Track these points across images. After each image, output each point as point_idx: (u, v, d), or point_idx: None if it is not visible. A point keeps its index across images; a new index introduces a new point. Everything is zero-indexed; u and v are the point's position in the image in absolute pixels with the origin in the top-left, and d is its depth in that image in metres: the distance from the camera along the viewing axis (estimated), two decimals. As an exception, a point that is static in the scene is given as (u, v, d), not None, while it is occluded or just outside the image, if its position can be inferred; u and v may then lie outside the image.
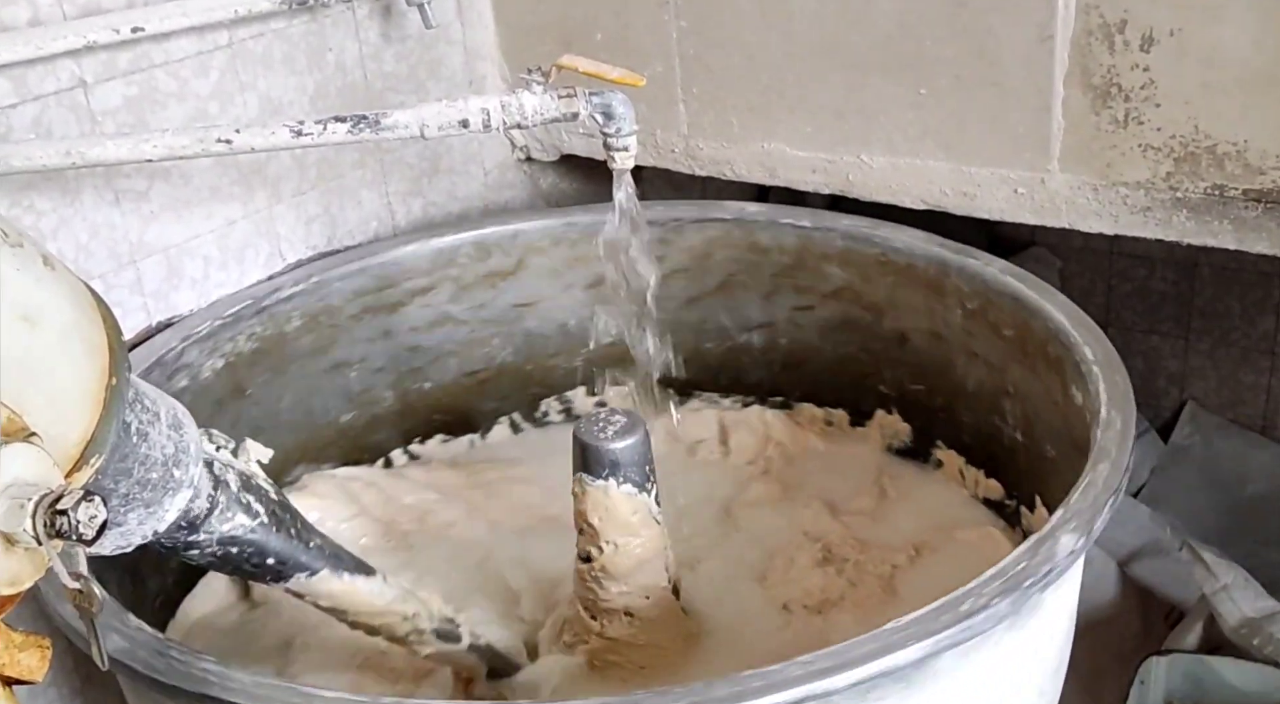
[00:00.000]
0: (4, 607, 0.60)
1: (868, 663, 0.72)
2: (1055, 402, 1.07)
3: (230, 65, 1.17)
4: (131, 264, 1.13)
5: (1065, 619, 0.94)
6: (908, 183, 1.24)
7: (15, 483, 0.57)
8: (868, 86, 1.22)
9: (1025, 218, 1.19)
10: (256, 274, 1.24)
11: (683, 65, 1.33)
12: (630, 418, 0.99)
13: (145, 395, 0.76)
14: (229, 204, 1.21)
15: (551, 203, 1.55)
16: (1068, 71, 1.11)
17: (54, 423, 0.63)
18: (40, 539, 0.57)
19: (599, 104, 1.02)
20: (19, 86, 1.02)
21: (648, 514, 1.00)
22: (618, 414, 0.99)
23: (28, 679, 0.63)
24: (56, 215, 1.07)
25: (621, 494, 0.98)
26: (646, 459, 0.99)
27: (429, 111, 1.02)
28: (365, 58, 1.29)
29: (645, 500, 0.99)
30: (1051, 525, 0.83)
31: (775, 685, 0.70)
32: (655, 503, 1.00)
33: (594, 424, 0.98)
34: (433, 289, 1.31)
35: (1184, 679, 1.35)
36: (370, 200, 1.35)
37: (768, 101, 1.29)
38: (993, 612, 0.76)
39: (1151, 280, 1.77)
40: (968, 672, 0.80)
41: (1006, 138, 1.16)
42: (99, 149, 0.96)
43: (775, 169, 1.33)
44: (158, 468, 0.75)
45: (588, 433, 0.98)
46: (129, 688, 0.89)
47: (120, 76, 1.09)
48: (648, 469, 0.99)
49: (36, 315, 0.63)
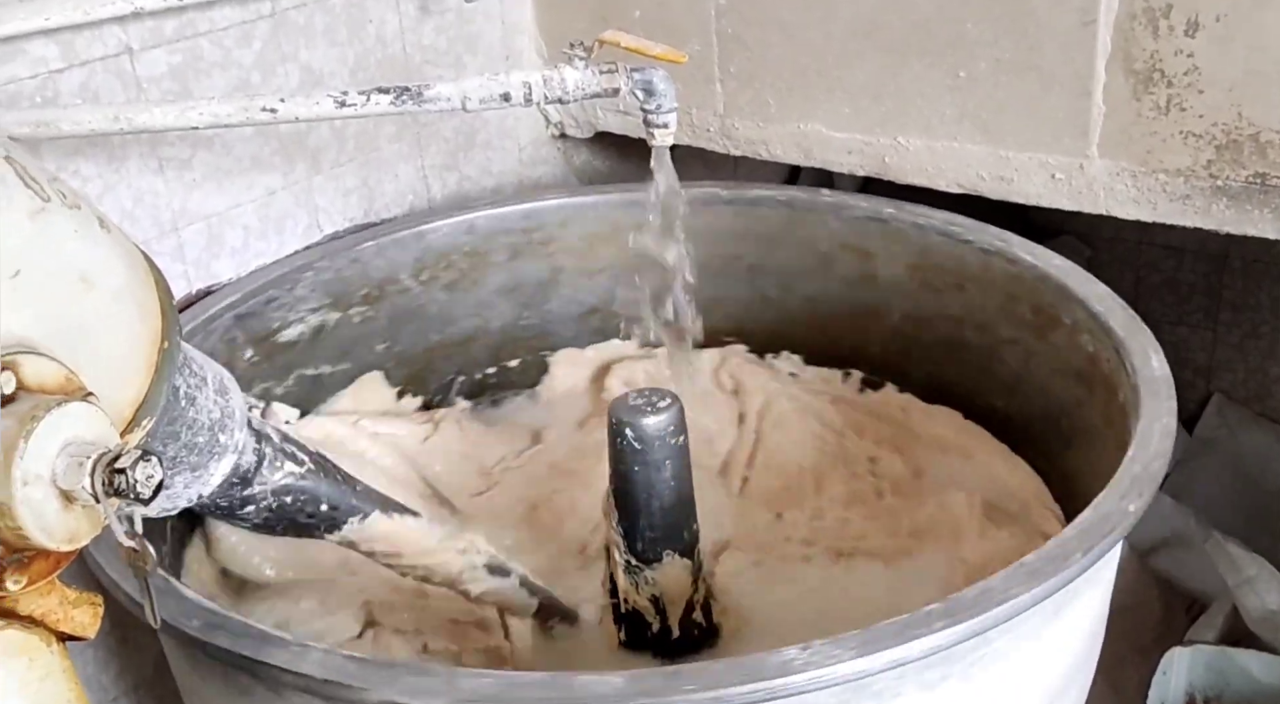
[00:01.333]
0: (60, 563, 0.61)
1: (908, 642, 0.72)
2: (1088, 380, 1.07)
3: (273, 35, 1.17)
4: (174, 231, 1.14)
5: (1104, 599, 0.95)
6: (944, 166, 1.24)
7: (74, 441, 0.58)
8: (906, 68, 1.22)
9: (1062, 203, 1.19)
10: (294, 244, 1.25)
11: (720, 44, 1.33)
12: (665, 396, 0.99)
13: (193, 360, 0.77)
14: (269, 174, 1.21)
15: (584, 180, 1.55)
16: (1110, 56, 1.10)
17: (108, 384, 0.63)
18: (98, 497, 0.58)
19: (640, 80, 1.02)
20: (66, 51, 1.03)
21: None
22: (653, 392, 0.99)
23: (80, 635, 0.64)
24: (102, 181, 1.08)
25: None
26: (679, 436, 0.98)
27: (471, 84, 1.02)
28: (405, 30, 1.30)
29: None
30: (1111, 489, 0.84)
31: (819, 663, 0.71)
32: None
33: (630, 401, 0.99)
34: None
35: (1206, 671, 1.36)
36: (406, 174, 1.35)
37: (805, 82, 1.29)
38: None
39: (1181, 272, 1.76)
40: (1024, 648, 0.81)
41: (1045, 122, 1.16)
42: (146, 115, 0.96)
43: (811, 150, 1.32)
44: (204, 432, 0.76)
45: (622, 409, 0.98)
46: (174, 649, 0.90)
47: (165, 44, 1.09)
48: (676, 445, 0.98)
49: (93, 277, 0.64)
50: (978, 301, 1.21)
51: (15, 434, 0.55)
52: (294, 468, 0.84)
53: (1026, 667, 0.83)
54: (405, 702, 0.71)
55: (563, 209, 1.34)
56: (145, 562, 0.63)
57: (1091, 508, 0.84)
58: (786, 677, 0.70)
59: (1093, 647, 0.95)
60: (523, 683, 0.72)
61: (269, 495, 0.83)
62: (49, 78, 1.02)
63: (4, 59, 0.99)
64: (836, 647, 0.71)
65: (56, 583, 0.62)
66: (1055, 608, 0.81)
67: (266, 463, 0.82)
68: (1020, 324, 1.18)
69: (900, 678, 0.74)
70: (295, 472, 0.84)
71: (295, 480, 0.85)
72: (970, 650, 0.76)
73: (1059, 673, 0.88)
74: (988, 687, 0.80)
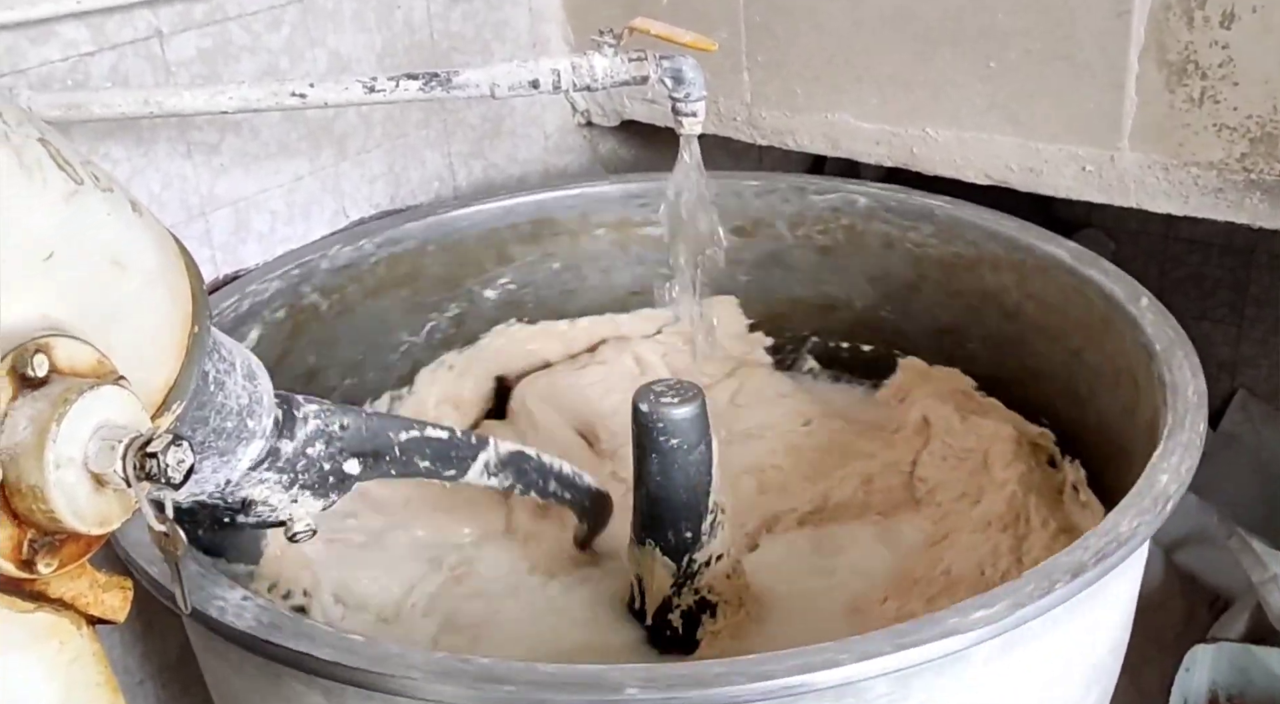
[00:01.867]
0: (91, 547, 0.61)
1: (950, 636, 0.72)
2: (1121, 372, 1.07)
3: (301, 20, 1.17)
4: (201, 216, 1.14)
5: (1132, 592, 0.94)
6: (973, 157, 1.23)
7: (106, 425, 0.58)
8: (936, 58, 1.21)
9: (1092, 196, 1.18)
10: (321, 230, 1.25)
11: (749, 32, 1.32)
12: (688, 388, 0.99)
13: (222, 345, 0.77)
14: (296, 159, 1.21)
15: (610, 168, 1.55)
16: (1143, 47, 1.09)
17: (139, 367, 0.63)
18: (130, 481, 0.58)
19: (669, 68, 1.01)
20: (97, 34, 1.03)
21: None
22: (677, 383, 0.99)
23: (110, 619, 0.64)
24: (130, 165, 1.08)
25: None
26: (701, 429, 0.98)
27: (500, 71, 1.02)
28: (432, 16, 1.29)
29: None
30: (1150, 473, 0.85)
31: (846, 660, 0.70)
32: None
33: (653, 391, 0.99)
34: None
35: (1230, 668, 1.35)
36: (433, 160, 1.35)
37: (834, 71, 1.28)
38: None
39: (1206, 266, 1.75)
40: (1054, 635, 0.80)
41: (1076, 114, 1.15)
42: (176, 99, 0.96)
43: (838, 140, 1.32)
44: (233, 417, 0.77)
45: (645, 399, 0.98)
46: (199, 636, 0.90)
47: (195, 28, 1.09)
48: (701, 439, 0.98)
49: (126, 260, 0.63)
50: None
51: (48, 417, 0.55)
52: (315, 406, 0.86)
53: (1054, 662, 0.83)
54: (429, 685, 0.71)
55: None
56: (176, 546, 0.64)
57: (1118, 510, 0.83)
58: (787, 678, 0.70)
59: (1118, 645, 0.94)
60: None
61: (321, 442, 0.85)
62: (80, 61, 1.02)
63: (36, 41, 0.99)
64: (867, 644, 0.71)
65: (87, 566, 0.62)
66: (1082, 605, 0.80)
67: (307, 416, 0.85)
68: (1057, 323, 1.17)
69: (939, 672, 0.74)
70: (318, 409, 0.86)
71: (348, 421, 0.87)
72: (1000, 646, 0.76)
73: (1085, 670, 0.88)
74: (1016, 680, 0.80)
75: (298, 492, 0.85)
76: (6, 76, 0.98)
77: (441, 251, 1.27)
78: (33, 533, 0.56)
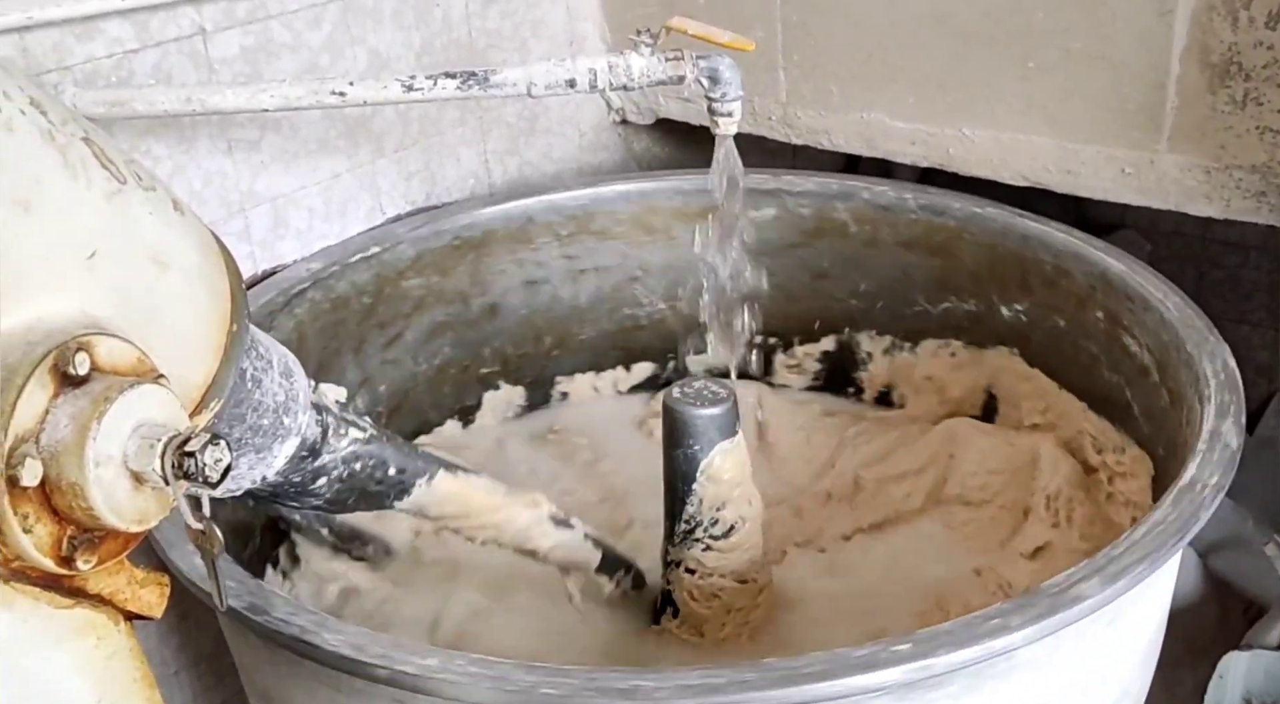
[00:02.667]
0: (129, 544, 0.61)
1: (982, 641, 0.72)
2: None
3: (342, 18, 1.18)
4: (241, 212, 1.15)
5: (1166, 597, 0.94)
6: (1009, 158, 1.22)
7: (145, 423, 0.59)
8: (973, 58, 1.20)
9: (1130, 198, 1.17)
10: (357, 227, 1.26)
11: (785, 31, 1.32)
12: (720, 389, 0.99)
13: (260, 342, 0.77)
14: (334, 157, 1.22)
15: (644, 166, 1.55)
16: (1185, 48, 1.08)
17: (178, 365, 0.64)
18: (168, 479, 0.59)
19: (706, 68, 1.01)
20: (141, 32, 1.04)
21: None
22: (709, 384, 1.00)
23: (147, 615, 0.65)
24: (172, 162, 1.09)
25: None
26: (696, 438, 0.98)
27: (537, 70, 1.02)
28: (470, 14, 1.30)
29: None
30: (1189, 475, 0.84)
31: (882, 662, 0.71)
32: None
33: (685, 391, 0.99)
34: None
35: (1265, 676, 1.33)
36: (468, 158, 1.35)
37: (869, 71, 1.28)
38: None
39: (1244, 269, 1.73)
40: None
41: (1116, 115, 1.14)
42: (218, 97, 0.97)
43: (873, 140, 1.31)
44: (269, 414, 0.77)
45: (675, 399, 0.99)
46: (230, 627, 0.91)
47: (238, 26, 1.10)
48: (694, 445, 0.99)
49: (166, 258, 0.64)
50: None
51: (89, 415, 0.56)
52: (358, 433, 0.86)
53: (1086, 668, 0.83)
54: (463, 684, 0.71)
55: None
56: (212, 544, 0.64)
57: (1157, 512, 0.83)
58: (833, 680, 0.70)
59: (1151, 651, 0.94)
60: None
61: (339, 464, 0.85)
62: (124, 58, 1.03)
63: (82, 38, 1.00)
64: (904, 644, 0.71)
65: (125, 563, 0.62)
66: (1117, 611, 0.80)
67: (331, 432, 0.84)
68: (1082, 320, 1.16)
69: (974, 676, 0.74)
70: (359, 437, 0.86)
71: (361, 446, 0.86)
72: (1033, 652, 0.76)
73: (1119, 674, 0.87)
74: (1048, 687, 0.80)
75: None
76: (52, 73, 0.99)
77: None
78: (72, 530, 0.57)
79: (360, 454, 0.86)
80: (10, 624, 0.57)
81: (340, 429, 0.85)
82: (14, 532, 0.55)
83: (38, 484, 0.55)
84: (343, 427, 0.85)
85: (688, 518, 1.00)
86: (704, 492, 0.99)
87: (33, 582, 0.57)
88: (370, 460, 0.87)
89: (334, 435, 0.84)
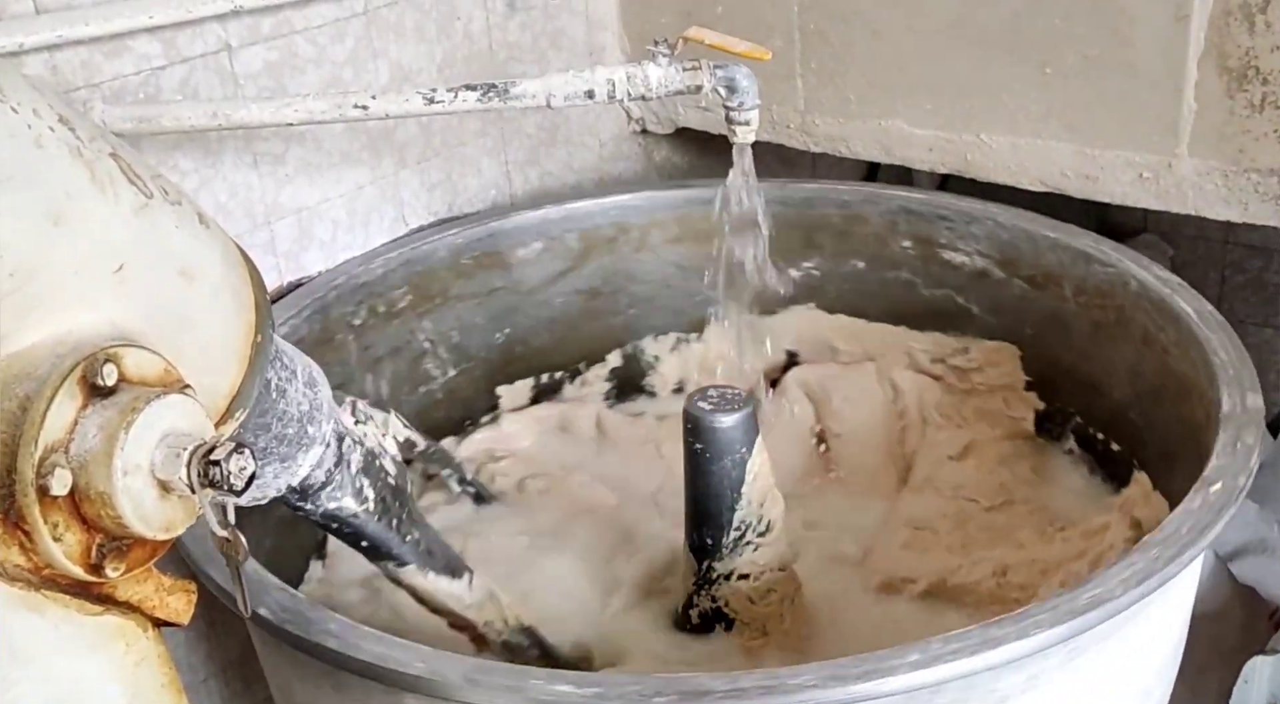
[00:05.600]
0: (157, 552, 0.62)
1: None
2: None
3: (365, 33, 1.19)
4: (266, 225, 1.17)
5: (1188, 601, 0.94)
6: (1028, 164, 1.23)
7: (172, 432, 0.59)
8: (992, 64, 1.21)
9: (1149, 203, 1.17)
10: (381, 238, 1.27)
11: (803, 40, 1.32)
12: (738, 397, 0.99)
13: (284, 352, 0.78)
14: (358, 169, 1.23)
15: (664, 176, 1.55)
16: (1203, 53, 1.08)
17: (204, 375, 0.65)
18: (194, 488, 0.59)
19: (723, 77, 1.02)
20: (168, 48, 1.05)
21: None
22: (730, 391, 1.00)
23: (175, 621, 0.65)
24: (199, 175, 1.10)
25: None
26: (733, 441, 0.98)
27: (556, 81, 1.03)
28: (491, 27, 1.31)
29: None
30: (1206, 479, 0.85)
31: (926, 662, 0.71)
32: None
33: (707, 400, 0.99)
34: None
35: (1290, 681, 1.33)
36: (490, 169, 1.37)
37: (888, 78, 1.28)
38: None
39: (1267, 272, 1.72)
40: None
41: (1134, 120, 1.14)
42: (243, 112, 0.99)
43: (891, 147, 1.32)
44: (294, 424, 0.78)
45: (706, 411, 0.99)
46: (258, 634, 0.92)
47: (262, 41, 1.12)
48: (741, 450, 0.99)
49: (193, 271, 0.65)
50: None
51: (117, 425, 0.57)
52: (351, 504, 0.85)
53: (1110, 671, 0.83)
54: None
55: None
56: (237, 551, 0.65)
57: (1177, 514, 0.83)
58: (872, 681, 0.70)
59: (1173, 655, 0.94)
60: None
61: (318, 515, 0.85)
62: (152, 74, 1.05)
63: (110, 56, 1.02)
64: (940, 645, 0.72)
65: (153, 570, 0.63)
66: (1138, 614, 0.80)
67: (328, 490, 0.84)
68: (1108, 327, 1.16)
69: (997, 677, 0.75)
70: (350, 508, 0.86)
71: (345, 515, 0.86)
72: (1064, 656, 0.76)
73: (1142, 679, 0.87)
74: (1073, 690, 0.80)
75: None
76: (81, 90, 1.01)
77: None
78: (101, 538, 0.58)
79: (339, 518, 0.86)
80: (41, 631, 0.57)
81: (338, 492, 0.84)
82: (44, 540, 0.55)
83: (67, 493, 0.56)
84: (342, 490, 0.84)
85: (739, 524, 1.00)
86: (751, 492, 1.00)
87: (63, 589, 0.58)
88: (346, 528, 0.87)
89: (326, 495, 0.84)
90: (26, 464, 0.54)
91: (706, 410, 0.98)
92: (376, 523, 0.88)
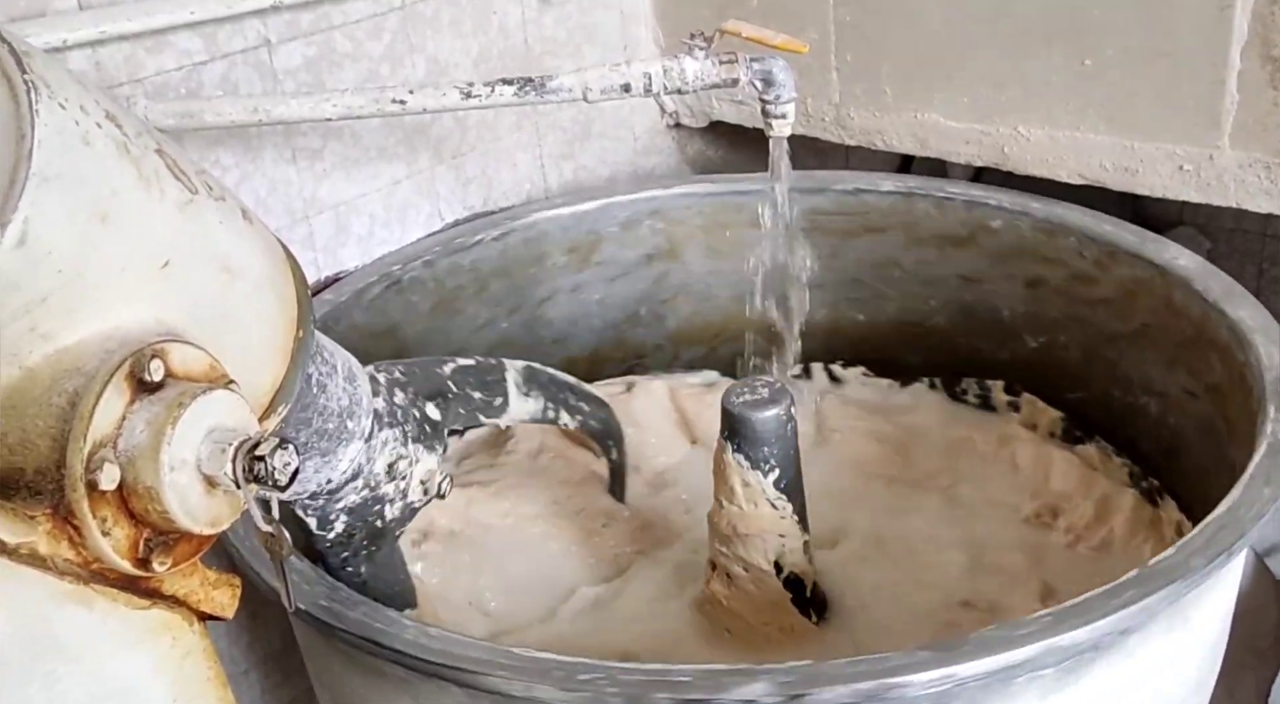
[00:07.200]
0: (202, 546, 0.63)
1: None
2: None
3: (402, 28, 1.20)
4: (304, 220, 1.17)
5: (1230, 598, 0.94)
6: (1066, 156, 1.22)
7: (217, 428, 0.60)
8: (1030, 56, 1.20)
9: (1189, 195, 1.16)
10: (417, 233, 1.27)
11: (838, 32, 1.32)
12: (775, 395, 0.98)
13: (324, 348, 0.79)
14: (394, 164, 1.24)
15: (697, 169, 1.55)
16: (1246, 43, 1.07)
17: (247, 371, 0.65)
18: (239, 483, 0.60)
19: (759, 70, 1.02)
20: (209, 44, 1.06)
21: (757, 490, 0.98)
22: (768, 387, 0.98)
23: (219, 615, 0.66)
24: (239, 171, 1.11)
25: (733, 460, 0.98)
26: (769, 439, 0.97)
27: (592, 75, 1.03)
28: (526, 22, 1.31)
29: (755, 476, 0.98)
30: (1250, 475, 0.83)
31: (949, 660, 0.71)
32: (772, 484, 0.98)
33: (742, 387, 0.99)
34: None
35: (1329, 679, 1.31)
36: (525, 163, 1.37)
37: (924, 71, 1.27)
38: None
39: (1308, 265, 1.70)
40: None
41: (1175, 112, 1.13)
42: (283, 107, 0.99)
43: (927, 140, 1.31)
44: (334, 418, 0.79)
45: (730, 393, 0.99)
46: (300, 627, 0.93)
47: (302, 37, 1.12)
48: (767, 450, 0.97)
49: (236, 267, 0.65)
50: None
51: (163, 421, 0.57)
52: (312, 522, 0.87)
53: (1150, 670, 0.82)
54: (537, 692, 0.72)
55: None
56: (281, 546, 0.66)
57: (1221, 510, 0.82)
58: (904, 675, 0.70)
59: (1216, 652, 0.93)
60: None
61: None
62: (193, 70, 1.06)
63: (152, 51, 1.03)
64: (969, 643, 0.71)
65: (198, 564, 0.63)
66: (1181, 611, 0.80)
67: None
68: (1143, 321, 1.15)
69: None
70: (310, 524, 0.88)
71: (305, 518, 0.88)
72: (1088, 657, 0.76)
73: (1185, 675, 0.87)
74: (1113, 688, 0.80)
75: (413, 447, 0.88)
76: (124, 86, 1.01)
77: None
78: (148, 532, 0.59)
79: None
80: (90, 625, 0.58)
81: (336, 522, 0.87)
82: (93, 534, 0.56)
83: (115, 488, 0.56)
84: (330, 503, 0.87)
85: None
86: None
87: (110, 583, 0.59)
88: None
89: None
90: (76, 459, 0.55)
91: (745, 401, 0.97)
92: (404, 362, 0.91)
